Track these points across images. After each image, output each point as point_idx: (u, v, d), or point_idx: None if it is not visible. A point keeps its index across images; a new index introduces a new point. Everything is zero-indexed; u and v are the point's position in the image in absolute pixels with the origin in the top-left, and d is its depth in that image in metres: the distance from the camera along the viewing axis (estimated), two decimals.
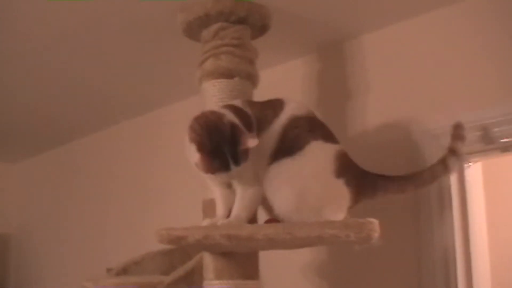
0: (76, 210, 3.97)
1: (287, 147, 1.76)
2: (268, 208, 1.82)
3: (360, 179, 1.81)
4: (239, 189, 1.81)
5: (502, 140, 2.02)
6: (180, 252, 2.38)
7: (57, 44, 2.48)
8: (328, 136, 1.81)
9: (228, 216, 1.81)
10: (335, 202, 1.76)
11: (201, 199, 2.05)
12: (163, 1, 2.08)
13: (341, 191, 1.77)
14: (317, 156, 1.76)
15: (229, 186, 1.84)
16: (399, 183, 1.86)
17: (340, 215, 1.76)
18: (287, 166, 1.75)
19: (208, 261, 1.96)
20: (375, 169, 2.25)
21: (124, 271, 2.42)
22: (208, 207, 2.01)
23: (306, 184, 1.74)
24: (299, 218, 1.73)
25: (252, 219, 1.84)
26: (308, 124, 1.79)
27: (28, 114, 3.50)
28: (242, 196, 1.80)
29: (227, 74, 2.03)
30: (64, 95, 3.15)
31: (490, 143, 2.04)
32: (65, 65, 2.72)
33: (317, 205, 1.73)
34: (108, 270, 2.50)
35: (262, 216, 1.90)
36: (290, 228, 1.66)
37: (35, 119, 3.59)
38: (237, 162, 1.70)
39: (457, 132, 1.87)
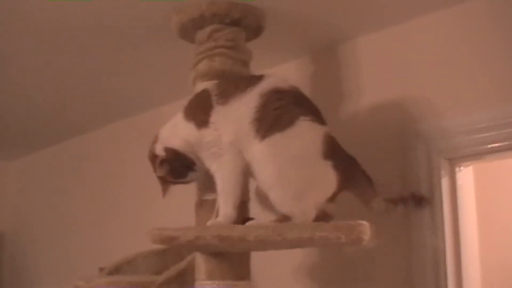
0: (71, 208, 3.97)
1: (272, 119, 1.74)
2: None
3: (348, 165, 1.80)
4: (215, 175, 1.84)
5: (493, 145, 2.02)
6: (172, 252, 2.39)
7: (53, 44, 2.48)
8: (316, 115, 1.79)
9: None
10: (320, 185, 1.75)
11: (194, 200, 2.05)
12: (158, 2, 2.08)
13: (328, 174, 1.75)
14: (306, 135, 1.74)
15: None
16: (371, 191, 1.85)
17: (322, 199, 1.76)
18: (275, 141, 1.73)
19: (200, 261, 1.97)
20: (366, 170, 2.27)
21: (116, 270, 2.43)
22: (201, 208, 2.02)
23: (292, 161, 1.72)
24: (281, 196, 1.73)
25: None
26: (294, 98, 1.78)
27: (23, 113, 3.50)
28: (221, 185, 1.82)
29: (221, 76, 2.02)
30: (59, 94, 3.16)
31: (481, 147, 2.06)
32: (61, 64, 2.72)
33: (301, 184, 1.73)
34: (101, 269, 2.51)
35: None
36: (281, 229, 1.67)
37: (31, 117, 3.59)
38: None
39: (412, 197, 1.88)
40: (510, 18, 2.03)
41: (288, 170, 1.72)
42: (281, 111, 1.74)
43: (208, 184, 1.92)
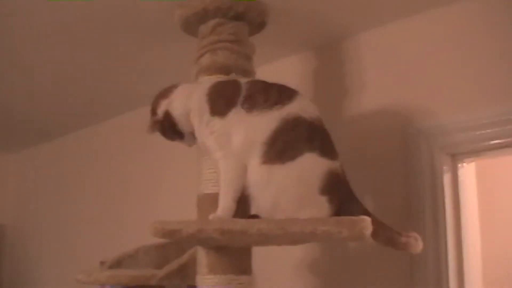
0: (72, 202, 3.98)
1: (279, 149, 1.73)
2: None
3: (345, 203, 1.77)
4: (219, 163, 1.84)
5: (495, 141, 2.02)
6: (174, 246, 2.39)
7: (55, 37, 2.48)
8: (326, 150, 1.76)
9: None
10: (311, 216, 1.74)
11: (195, 194, 2.05)
12: None
13: (321, 207, 1.74)
14: (306, 169, 1.73)
15: None
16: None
17: None
18: (273, 171, 1.73)
19: (201, 255, 1.96)
20: (369, 167, 2.27)
21: (117, 264, 2.42)
22: (203, 202, 2.01)
23: (286, 192, 1.73)
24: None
25: None
26: (309, 131, 1.76)
27: (26, 106, 3.51)
28: (223, 175, 1.82)
29: (224, 70, 2.03)
30: (62, 87, 3.16)
31: (483, 144, 2.06)
32: (64, 57, 2.72)
33: (290, 215, 1.73)
34: (102, 263, 2.51)
35: None
36: (283, 223, 1.66)
37: (33, 110, 3.59)
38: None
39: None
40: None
41: (280, 200, 1.73)
42: (289, 145, 1.73)
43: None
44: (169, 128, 1.93)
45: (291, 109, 1.77)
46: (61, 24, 2.36)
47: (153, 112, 1.95)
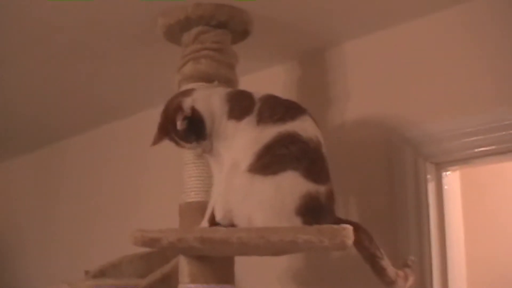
0: (56, 211, 3.96)
1: (266, 162, 1.72)
2: None
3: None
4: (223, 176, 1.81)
5: (480, 149, 2.02)
6: (158, 255, 2.38)
7: (36, 48, 2.47)
8: (312, 172, 1.72)
9: None
10: None
11: (178, 203, 2.04)
12: (143, 4, 2.08)
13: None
14: (285, 186, 1.70)
15: None
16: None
17: None
18: (253, 181, 1.71)
19: (183, 264, 1.95)
20: (354, 176, 2.27)
21: (101, 273, 2.41)
22: (185, 211, 2.00)
23: (261, 206, 1.71)
24: None
25: None
26: (300, 151, 1.73)
27: (14, 114, 3.48)
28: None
29: (206, 78, 2.02)
30: (45, 97, 3.14)
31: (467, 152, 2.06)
32: (46, 68, 2.70)
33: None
34: (86, 272, 2.49)
35: None
36: (263, 232, 1.65)
37: (21, 118, 3.57)
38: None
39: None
40: (497, 24, 2.04)
41: (255, 215, 1.71)
42: (276, 159, 1.71)
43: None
44: (195, 126, 1.81)
45: (291, 126, 1.75)
46: (41, 37, 2.35)
47: (175, 110, 1.81)
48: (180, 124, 1.78)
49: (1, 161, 4.62)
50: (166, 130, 1.84)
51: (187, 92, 1.87)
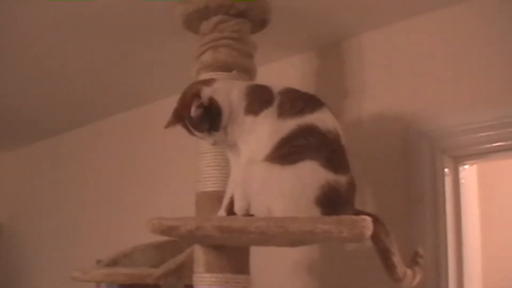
0: (69, 201, 3.96)
1: (285, 152, 1.71)
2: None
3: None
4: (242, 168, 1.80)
5: (497, 144, 2.01)
6: (171, 245, 2.37)
7: (55, 35, 2.48)
8: (332, 161, 1.71)
9: None
10: None
11: (194, 192, 2.03)
12: None
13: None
14: (304, 176, 1.69)
15: None
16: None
17: None
18: (272, 171, 1.70)
19: (199, 253, 1.94)
20: (370, 169, 2.26)
21: (113, 263, 2.40)
22: (201, 200, 2.00)
23: (280, 196, 1.70)
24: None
25: None
26: (319, 142, 1.71)
27: (23, 104, 3.49)
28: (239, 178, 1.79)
29: (225, 67, 2.01)
30: (61, 85, 3.15)
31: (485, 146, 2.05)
32: (62, 56, 2.71)
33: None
34: (98, 261, 2.49)
35: None
36: (282, 221, 1.64)
37: (31, 108, 3.58)
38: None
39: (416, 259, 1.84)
40: None
41: (274, 205, 1.70)
42: (295, 149, 1.70)
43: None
44: (211, 116, 1.79)
45: (310, 119, 1.73)
46: (61, 22, 2.35)
47: (192, 97, 1.79)
48: (194, 111, 1.76)
49: (16, 148, 4.63)
50: (180, 115, 1.82)
51: (208, 82, 1.85)
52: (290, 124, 1.73)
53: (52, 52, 2.67)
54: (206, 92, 1.79)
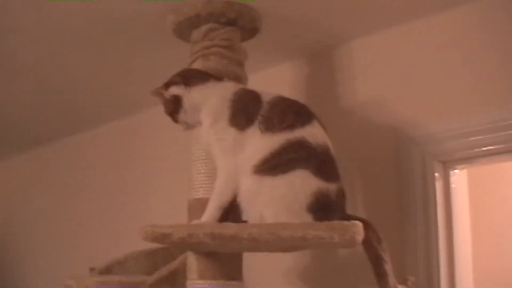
0: (62, 207, 3.95)
1: (274, 164, 1.72)
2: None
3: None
4: (218, 166, 1.84)
5: (487, 148, 2.03)
6: (163, 252, 2.38)
7: (47, 44, 2.48)
8: (323, 170, 1.73)
9: None
10: None
11: (186, 199, 2.04)
12: (153, 1, 2.08)
13: None
14: (296, 183, 1.70)
15: None
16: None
17: None
18: (264, 182, 1.72)
19: (192, 260, 1.95)
20: (361, 175, 2.27)
21: (107, 270, 2.40)
22: (194, 207, 2.00)
23: (273, 204, 1.72)
24: None
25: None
26: (309, 154, 1.74)
27: (16, 111, 3.49)
28: (216, 186, 1.82)
29: (216, 75, 2.02)
30: (52, 93, 3.14)
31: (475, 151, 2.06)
32: (55, 64, 2.71)
33: None
34: (91, 269, 2.49)
35: None
36: (273, 227, 1.65)
37: (23, 116, 3.57)
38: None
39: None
40: (504, 22, 2.04)
41: (267, 213, 1.72)
42: (284, 161, 1.72)
43: None
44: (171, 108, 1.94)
45: (300, 133, 1.75)
46: (54, 31, 2.35)
47: (167, 86, 1.95)
48: (155, 95, 1.97)
49: (7, 158, 4.62)
50: (165, 88, 1.95)
51: (191, 81, 1.92)
52: (280, 139, 1.74)
53: (44, 61, 2.68)
54: (176, 90, 1.92)
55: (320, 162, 1.74)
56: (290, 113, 1.79)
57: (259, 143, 1.76)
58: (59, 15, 2.23)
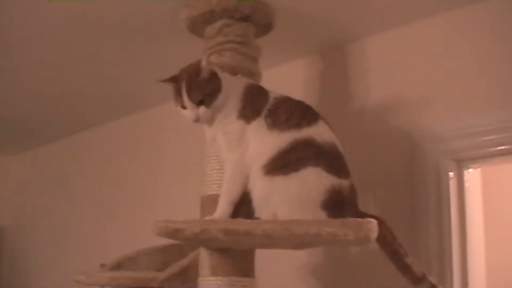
0: (72, 205, 3.96)
1: (284, 163, 1.72)
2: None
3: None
4: (224, 164, 1.84)
5: (502, 147, 2.02)
6: (175, 249, 2.37)
7: (59, 40, 2.49)
8: (333, 167, 1.74)
9: None
10: None
11: (199, 196, 2.04)
12: None
13: None
14: (309, 181, 1.71)
15: None
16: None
17: None
18: (276, 182, 1.72)
19: (204, 257, 1.95)
20: (375, 173, 2.26)
21: (118, 266, 2.41)
22: (206, 203, 2.00)
23: (287, 203, 1.72)
24: None
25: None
26: (317, 152, 1.74)
27: (26, 108, 3.49)
28: (226, 177, 1.81)
29: (230, 71, 2.00)
30: (64, 89, 3.15)
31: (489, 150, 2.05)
32: (67, 60, 2.72)
33: None
34: (102, 265, 2.49)
35: None
36: (287, 224, 1.64)
37: (34, 112, 3.59)
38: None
39: None
40: None
41: (281, 211, 1.72)
42: (294, 160, 1.72)
43: None
44: (209, 88, 1.80)
45: (307, 132, 1.75)
46: (63, 25, 2.36)
47: (198, 63, 1.82)
48: (203, 74, 1.79)
49: (18, 152, 4.63)
50: (178, 77, 1.85)
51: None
52: (287, 138, 1.75)
53: (54, 57, 2.68)
54: (213, 67, 1.83)
55: (330, 159, 1.75)
56: (296, 112, 1.80)
57: (266, 139, 1.76)
58: (70, 11, 2.23)
